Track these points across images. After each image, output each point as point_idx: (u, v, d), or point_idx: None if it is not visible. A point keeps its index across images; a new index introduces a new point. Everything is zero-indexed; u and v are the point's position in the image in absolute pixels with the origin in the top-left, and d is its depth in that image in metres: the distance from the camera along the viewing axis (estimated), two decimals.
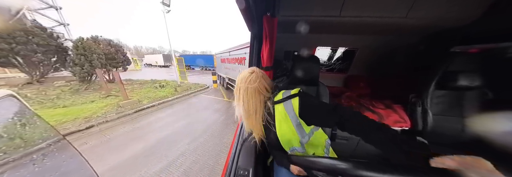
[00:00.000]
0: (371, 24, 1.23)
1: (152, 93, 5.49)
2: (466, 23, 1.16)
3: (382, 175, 0.31)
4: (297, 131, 0.66)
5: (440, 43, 1.42)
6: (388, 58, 1.78)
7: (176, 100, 5.09)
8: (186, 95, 5.57)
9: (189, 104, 4.73)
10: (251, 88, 0.67)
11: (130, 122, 3.45)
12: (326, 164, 0.40)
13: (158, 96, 5.14)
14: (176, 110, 4.22)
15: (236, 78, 0.74)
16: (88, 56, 5.65)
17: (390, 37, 1.61)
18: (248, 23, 0.99)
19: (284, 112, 0.66)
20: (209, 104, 4.70)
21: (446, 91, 1.16)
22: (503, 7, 0.99)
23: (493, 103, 1.05)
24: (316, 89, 1.10)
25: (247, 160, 0.71)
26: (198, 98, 5.43)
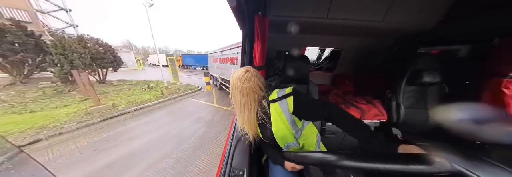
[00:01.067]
0: (354, 26, 1.33)
1: (136, 96, 5.18)
2: (428, 28, 1.34)
3: (362, 163, 0.37)
4: (292, 127, 0.71)
5: (409, 45, 1.62)
6: (368, 58, 1.94)
7: (158, 105, 4.55)
8: (172, 99, 5.15)
9: (170, 111, 4.21)
10: (246, 88, 0.68)
11: (89, 134, 2.95)
12: (316, 157, 0.44)
13: (140, 100, 4.77)
14: (152, 118, 3.74)
15: (229, 78, 0.74)
16: (68, 55, 5.10)
17: (370, 39, 1.74)
18: (239, 22, 0.96)
19: (280, 111, 0.69)
20: (193, 110, 4.23)
21: (414, 87, 1.34)
22: (453, 17, 1.19)
23: (448, 97, 1.26)
24: (307, 87, 1.20)
25: (242, 160, 0.72)
26: (184, 103, 4.97)
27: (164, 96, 5.20)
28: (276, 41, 1.68)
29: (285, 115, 0.68)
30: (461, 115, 1.06)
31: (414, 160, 0.35)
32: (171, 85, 7.19)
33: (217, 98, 5.35)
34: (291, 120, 0.69)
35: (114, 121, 3.49)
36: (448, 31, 1.31)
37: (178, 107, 4.54)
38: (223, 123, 3.35)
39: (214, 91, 6.54)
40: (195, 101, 5.12)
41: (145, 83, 7.37)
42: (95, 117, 3.45)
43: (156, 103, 4.62)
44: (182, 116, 3.80)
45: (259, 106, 0.72)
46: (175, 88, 6.43)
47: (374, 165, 0.36)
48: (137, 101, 4.69)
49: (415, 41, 1.56)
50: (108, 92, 6.12)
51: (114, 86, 7.25)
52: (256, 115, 0.73)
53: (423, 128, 1.33)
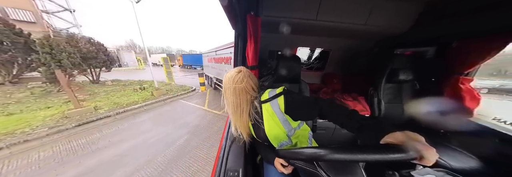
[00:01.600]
0: (341, 28, 1.40)
1: (125, 98, 4.96)
2: (403, 32, 1.46)
3: (350, 155, 0.40)
4: (284, 126, 0.71)
5: (388, 47, 1.77)
6: (353, 58, 2.09)
7: (145, 107, 4.31)
8: (161, 101, 4.90)
9: (156, 115, 3.95)
10: (238, 88, 0.68)
11: (59, 142, 2.68)
12: (308, 153, 0.46)
13: (127, 102, 4.51)
14: (133, 123, 3.48)
15: (223, 77, 0.75)
16: (55, 55, 4.84)
17: (355, 41, 1.86)
18: (231, 22, 0.98)
19: (271, 111, 0.70)
20: (181, 114, 3.98)
21: (392, 84, 1.50)
22: (421, 23, 1.35)
23: (419, 92, 1.45)
24: (299, 86, 1.25)
25: (236, 161, 0.73)
26: (173, 105, 4.73)
27: (154, 98, 4.97)
28: (268, 41, 1.69)
29: (277, 115, 0.69)
30: (429, 108, 1.24)
31: (392, 149, 0.39)
32: (165, 85, 7.02)
33: (209, 101, 5.13)
34: (284, 119, 0.71)
35: (91, 127, 3.20)
36: (418, 35, 1.46)
37: (165, 110, 4.27)
38: (209, 130, 3.03)
39: (208, 92, 6.33)
40: (186, 103, 4.87)
41: (138, 83, 7.16)
42: (71, 122, 3.16)
43: (143, 105, 4.32)
44: (166, 121, 3.51)
45: (251, 106, 0.73)
46: (168, 89, 6.15)
47: (360, 156, 0.40)
48: (123, 103, 4.42)
49: (392, 43, 1.70)
50: (98, 93, 5.89)
51: (107, 86, 7.03)
52: (248, 115, 0.74)
53: (399, 121, 1.48)
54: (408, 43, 1.60)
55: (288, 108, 0.67)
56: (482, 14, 1.03)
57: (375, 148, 0.40)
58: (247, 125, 0.77)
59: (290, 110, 0.67)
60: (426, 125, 1.25)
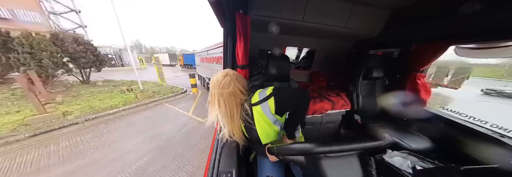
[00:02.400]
0: (325, 30, 1.51)
1: (106, 100, 4.56)
2: (375, 35, 1.66)
3: (333, 147, 0.46)
4: (276, 125, 0.75)
5: (363, 47, 1.97)
6: (335, 57, 2.26)
7: (123, 112, 3.92)
8: (144, 105, 4.48)
9: (130, 122, 3.49)
10: (226, 93, 0.68)
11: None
12: (297, 148, 0.51)
13: (105, 106, 4.11)
14: (101, 132, 3.01)
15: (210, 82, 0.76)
16: (36, 54, 4.45)
17: (336, 41, 2.02)
18: (220, 19, 0.97)
19: (262, 113, 0.71)
20: (159, 121, 3.51)
21: (367, 81, 1.71)
22: (388, 27, 1.58)
23: (388, 87, 1.70)
24: (288, 84, 1.33)
25: (229, 162, 0.73)
26: (155, 110, 4.28)
27: (137, 101, 4.57)
28: (258, 40, 1.71)
29: (268, 117, 0.71)
30: (395, 101, 1.51)
31: (369, 138, 0.47)
32: (156, 87, 6.59)
33: (197, 105, 4.68)
34: (274, 119, 0.73)
35: (50, 137, 2.73)
36: (386, 38, 1.69)
37: (144, 116, 3.81)
38: (185, 144, 2.54)
39: (200, 94, 5.93)
40: (170, 108, 4.43)
41: (132, 84, 6.87)
42: (28, 131, 2.68)
43: (121, 110, 3.83)
44: (138, 131, 3.04)
45: (241, 109, 0.74)
46: (156, 90, 5.71)
47: (342, 146, 0.46)
48: (101, 107, 4.02)
49: (367, 45, 1.92)
50: (82, 94, 5.54)
51: (97, 87, 6.65)
52: (240, 118, 0.75)
53: (373, 112, 1.73)
54: (379, 44, 1.82)
55: (278, 108, 0.69)
56: (430, 23, 1.30)
57: (357, 139, 0.49)
58: (238, 127, 0.77)
59: (280, 109, 0.70)
60: (393, 115, 1.54)
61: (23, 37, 4.80)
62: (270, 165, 0.78)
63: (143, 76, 11.13)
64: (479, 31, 1.05)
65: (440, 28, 1.25)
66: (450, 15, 1.12)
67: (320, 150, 0.46)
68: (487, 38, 1.06)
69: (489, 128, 1.05)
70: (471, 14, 0.97)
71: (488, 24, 0.99)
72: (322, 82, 2.22)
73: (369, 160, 0.60)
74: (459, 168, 0.73)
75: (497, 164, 0.73)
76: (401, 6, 1.40)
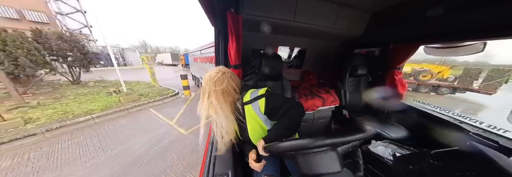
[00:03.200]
0: (314, 30, 1.54)
1: (85, 105, 4.12)
2: (359, 35, 1.73)
3: (324, 141, 0.48)
4: (267, 125, 0.73)
5: (349, 47, 2.08)
6: (325, 56, 2.31)
7: (97, 120, 3.47)
8: (125, 110, 3.96)
9: (99, 134, 2.90)
10: (219, 90, 0.66)
11: None
12: (291, 145, 0.52)
13: (81, 111, 3.63)
14: (58, 147, 2.46)
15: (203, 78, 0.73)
16: (11, 52, 3.98)
17: (325, 41, 2.07)
18: (210, 18, 0.96)
19: (253, 112, 0.70)
20: (134, 132, 2.96)
21: (353, 78, 1.84)
22: (369, 29, 1.67)
23: (371, 83, 1.84)
24: (281, 83, 1.37)
25: (225, 164, 0.71)
26: (136, 117, 3.71)
27: (119, 105, 4.08)
28: (250, 40, 1.71)
29: (258, 115, 0.70)
30: (376, 95, 1.67)
31: (355, 131, 0.50)
32: (148, 88, 6.07)
33: (185, 111, 4.10)
34: (265, 118, 0.71)
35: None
36: (368, 38, 1.78)
37: (118, 125, 3.28)
38: (153, 168, 1.99)
39: (192, 98, 5.35)
40: (152, 114, 3.90)
41: (125, 85, 6.39)
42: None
43: (95, 117, 3.32)
44: (104, 145, 2.54)
45: (234, 107, 0.73)
46: (144, 93, 5.27)
47: (332, 140, 0.48)
48: (76, 112, 3.54)
49: (353, 44, 2.02)
50: (67, 96, 5.11)
51: (85, 88, 6.21)
52: (233, 117, 0.74)
53: (359, 107, 1.88)
54: (362, 44, 1.95)
55: (267, 109, 0.69)
56: (404, 25, 1.45)
57: (344, 132, 0.51)
58: (232, 126, 0.74)
59: (268, 111, 0.69)
60: (376, 108, 1.73)
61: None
62: (266, 164, 0.79)
63: (141, 76, 10.74)
64: (443, 33, 1.20)
65: (412, 30, 1.40)
66: (419, 18, 1.24)
67: (313, 145, 0.49)
68: (450, 39, 1.21)
69: (452, 116, 1.21)
70: (436, 17, 1.12)
71: (450, 26, 1.13)
72: (313, 80, 2.26)
73: (356, 151, 0.68)
74: (430, 152, 0.80)
75: (458, 146, 0.85)
76: (379, 10, 1.51)
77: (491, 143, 0.88)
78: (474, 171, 0.59)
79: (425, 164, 0.72)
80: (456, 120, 1.15)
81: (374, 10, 1.52)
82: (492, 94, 4.01)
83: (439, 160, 0.72)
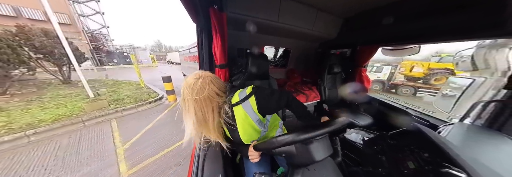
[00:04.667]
0: (296, 31, 1.64)
1: (47, 111, 3.43)
2: (334, 37, 1.94)
3: (311, 134, 0.53)
4: (259, 126, 0.72)
5: (326, 47, 2.28)
6: (306, 56, 2.49)
7: (33, 137, 2.57)
8: (79, 123, 3.02)
9: (6, 166, 1.98)
10: (201, 99, 0.61)
11: None
12: (280, 141, 0.54)
13: (28, 121, 2.93)
14: None
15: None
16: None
17: (307, 42, 2.21)
18: (191, 14, 0.88)
19: (244, 113, 0.67)
20: (48, 171, 1.95)
21: (331, 75, 2.05)
22: (341, 32, 1.88)
23: (344, 80, 2.09)
24: (268, 82, 1.41)
25: (215, 167, 0.71)
26: (84, 135, 2.71)
27: (79, 115, 3.26)
28: (236, 39, 1.70)
29: (250, 116, 0.68)
30: (348, 90, 1.91)
31: (331, 123, 0.57)
32: (135, 90, 5.32)
33: (153, 127, 2.97)
34: (257, 119, 0.70)
35: None
36: (341, 40, 1.98)
37: (47, 150, 2.26)
38: None
39: (173, 105, 4.27)
40: (108, 131, 2.84)
41: (118, 84, 6.18)
42: None
43: (32, 134, 2.52)
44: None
45: (222, 111, 0.68)
46: (125, 96, 4.43)
47: (313, 133, 0.53)
48: (20, 123, 2.82)
49: (329, 45, 2.22)
50: (43, 98, 4.55)
51: (71, 89, 5.74)
52: (219, 122, 0.69)
53: (336, 100, 2.10)
54: (337, 45, 2.17)
55: (260, 107, 0.67)
56: (367, 30, 1.68)
57: (322, 125, 0.57)
58: (214, 132, 0.68)
59: (263, 108, 0.68)
60: (349, 101, 1.98)
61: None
62: (256, 164, 0.78)
63: (144, 75, 10.23)
64: (394, 37, 1.47)
65: (373, 34, 1.63)
66: (378, 25, 1.44)
67: (300, 138, 0.52)
68: (399, 42, 1.49)
69: (401, 104, 1.49)
70: (389, 25, 1.36)
71: (399, 32, 1.39)
72: (297, 78, 2.42)
73: (335, 140, 0.80)
74: (388, 134, 0.92)
75: (405, 127, 0.99)
76: (349, 16, 1.72)
77: (425, 122, 1.12)
78: (416, 144, 0.73)
79: (385, 144, 0.83)
80: (404, 106, 1.42)
81: (345, 16, 1.74)
82: None
83: (394, 139, 0.85)
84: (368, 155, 0.88)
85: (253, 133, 0.71)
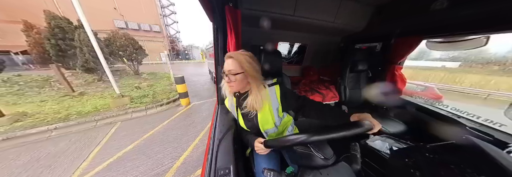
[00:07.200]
0: (315, 25, 1.49)
1: (74, 106, 3.64)
2: (360, 30, 1.66)
3: (323, 136, 0.50)
4: (274, 113, 0.76)
5: (350, 42, 2.00)
6: (325, 52, 2.23)
7: (54, 132, 2.66)
8: (92, 122, 2.92)
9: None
10: (249, 60, 0.68)
11: None
12: (292, 139, 0.53)
13: (50, 117, 3.04)
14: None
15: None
16: (82, 49, 5.09)
17: (326, 36, 1.99)
18: (208, 13, 0.93)
19: (268, 96, 0.73)
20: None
21: (353, 73, 1.75)
22: (371, 24, 1.61)
23: (371, 79, 1.78)
24: (281, 79, 1.34)
25: (226, 159, 0.71)
26: (77, 142, 2.38)
27: (105, 109, 3.34)
28: (249, 36, 1.66)
29: (272, 101, 0.74)
30: (376, 91, 1.61)
31: (354, 126, 0.50)
32: (168, 86, 5.43)
33: (136, 146, 2.20)
34: (276, 107, 0.75)
35: None
36: (370, 33, 1.71)
37: (25, 161, 1.97)
38: None
39: (184, 110, 3.58)
40: (95, 142, 2.37)
41: (160, 78, 6.93)
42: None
43: (53, 129, 2.59)
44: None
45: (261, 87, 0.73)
46: (151, 93, 4.45)
47: (331, 135, 0.49)
48: (70, 112, 3.11)
49: (354, 39, 1.95)
50: (111, 87, 5.56)
51: (136, 79, 7.14)
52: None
53: (359, 102, 1.81)
54: (364, 39, 1.86)
55: (283, 96, 0.74)
56: (406, 19, 1.36)
57: (343, 127, 0.51)
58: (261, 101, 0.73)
59: (284, 98, 0.74)
60: (375, 104, 1.68)
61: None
62: (265, 157, 0.80)
63: (190, 68, 11.67)
64: (446, 26, 1.15)
65: (415, 24, 1.33)
66: (422, 11, 1.18)
67: (313, 139, 0.50)
68: (453, 32, 1.14)
69: (450, 111, 1.19)
70: (440, 10, 1.06)
71: (453, 20, 1.07)
72: (313, 76, 2.20)
73: (354, 146, 0.69)
74: (426, 146, 0.80)
75: (454, 140, 0.83)
76: (382, 3, 1.44)
77: (486, 137, 0.88)
78: (468, 163, 0.61)
79: (420, 157, 0.73)
80: (454, 114, 1.15)
81: (377, 3, 1.47)
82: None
83: (434, 153, 0.73)
84: (396, 167, 0.80)
85: (269, 118, 0.74)
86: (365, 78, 1.79)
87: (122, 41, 6.93)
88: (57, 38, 5.54)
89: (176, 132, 2.55)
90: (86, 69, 5.75)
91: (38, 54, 6.18)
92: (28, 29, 6.15)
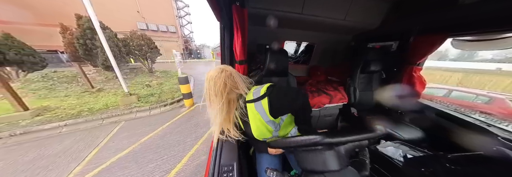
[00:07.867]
0: (324, 23, 1.42)
1: (87, 102, 3.85)
2: (374, 28, 1.52)
3: (332, 139, 0.48)
4: (271, 125, 0.72)
5: (362, 41, 1.88)
6: (334, 51, 2.12)
7: (65, 128, 2.79)
8: (99, 120, 3.01)
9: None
10: (220, 90, 0.65)
11: None
12: (297, 141, 0.52)
13: (82, 109, 3.29)
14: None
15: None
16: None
17: (336, 35, 1.88)
18: (216, 13, 0.91)
19: (256, 112, 0.69)
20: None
21: (365, 74, 1.65)
22: (386, 21, 1.46)
23: (384, 81, 1.66)
24: (287, 79, 1.32)
25: (230, 156, 0.73)
26: (80, 141, 2.51)
27: (113, 108, 3.42)
28: (255, 35, 1.62)
29: (262, 117, 0.69)
30: (391, 94, 1.49)
31: (364, 130, 0.48)
32: (175, 85, 5.43)
33: (132, 152, 2.18)
34: (268, 120, 0.70)
35: None
36: (385, 30, 1.57)
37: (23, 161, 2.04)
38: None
39: (185, 113, 3.49)
40: (96, 142, 2.48)
41: (176, 76, 6.92)
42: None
43: (63, 125, 2.72)
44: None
45: (237, 105, 0.72)
46: (160, 91, 4.54)
47: (341, 139, 0.48)
48: (84, 107, 3.26)
49: (366, 38, 1.83)
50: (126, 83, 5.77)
51: (149, 77, 7.44)
52: (233, 115, 0.74)
53: (370, 105, 1.69)
54: (377, 38, 1.73)
55: (272, 110, 0.66)
56: (429, 15, 1.21)
57: (354, 131, 0.50)
58: (230, 124, 0.75)
59: (275, 111, 0.67)
60: (389, 107, 1.56)
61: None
62: (268, 157, 0.81)
63: (201, 67, 11.78)
64: (477, 23, 1.00)
65: (439, 19, 1.18)
66: (449, 6, 1.05)
67: (319, 143, 0.48)
68: (484, 30, 1.01)
69: (477, 118, 1.05)
70: (470, 5, 0.93)
71: (485, 15, 0.93)
72: (321, 76, 2.12)
73: (363, 151, 0.64)
74: (447, 155, 0.75)
75: (482, 151, 0.77)
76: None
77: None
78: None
79: (439, 168, 0.69)
80: (483, 122, 1.01)
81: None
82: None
83: (457, 164, 0.68)
84: (410, 176, 0.77)
85: (264, 131, 0.73)
86: (378, 79, 1.67)
87: (138, 41, 7.33)
88: (85, 38, 6.01)
89: (174, 137, 2.53)
90: (105, 66, 6.16)
91: (71, 53, 6.81)
92: (64, 31, 6.79)
